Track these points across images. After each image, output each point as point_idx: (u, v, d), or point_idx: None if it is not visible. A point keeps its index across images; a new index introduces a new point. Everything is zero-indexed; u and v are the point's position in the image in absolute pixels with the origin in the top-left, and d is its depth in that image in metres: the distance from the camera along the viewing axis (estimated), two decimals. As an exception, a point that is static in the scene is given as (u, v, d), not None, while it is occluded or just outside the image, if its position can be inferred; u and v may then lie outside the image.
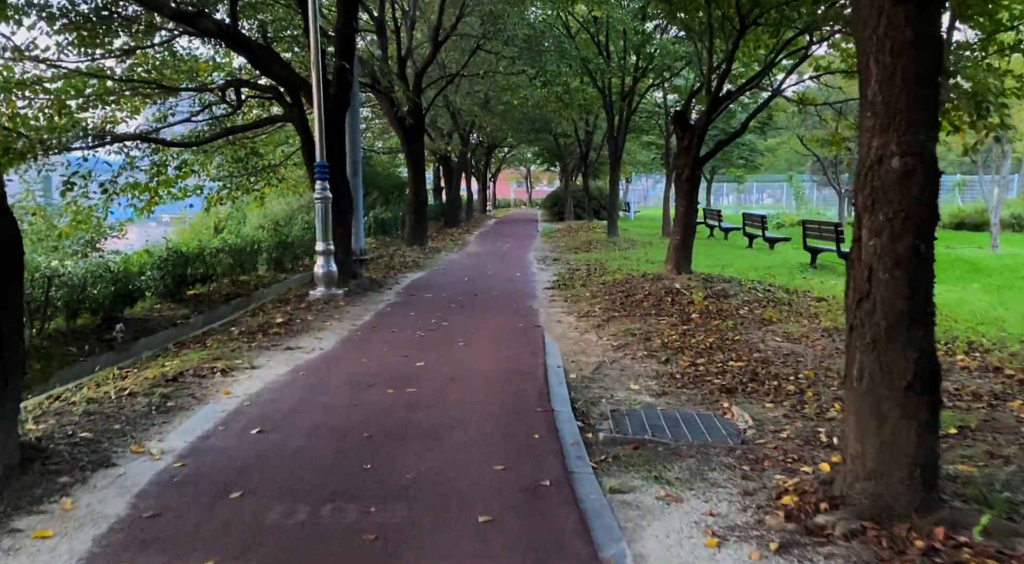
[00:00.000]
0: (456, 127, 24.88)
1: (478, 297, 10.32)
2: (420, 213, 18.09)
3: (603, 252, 16.28)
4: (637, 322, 7.97)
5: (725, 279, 10.03)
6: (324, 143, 9.91)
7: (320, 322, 8.32)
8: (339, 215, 10.86)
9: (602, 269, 13.07)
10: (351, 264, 11.28)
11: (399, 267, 14.24)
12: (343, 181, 11.04)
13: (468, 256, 17.18)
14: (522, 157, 53.86)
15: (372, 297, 10.29)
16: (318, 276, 9.99)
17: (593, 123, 25.03)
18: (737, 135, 9.80)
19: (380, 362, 6.36)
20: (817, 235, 13.62)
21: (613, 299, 9.25)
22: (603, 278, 11.33)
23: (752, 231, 18.17)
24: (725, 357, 6.49)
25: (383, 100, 16.50)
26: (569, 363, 6.49)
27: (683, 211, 9.86)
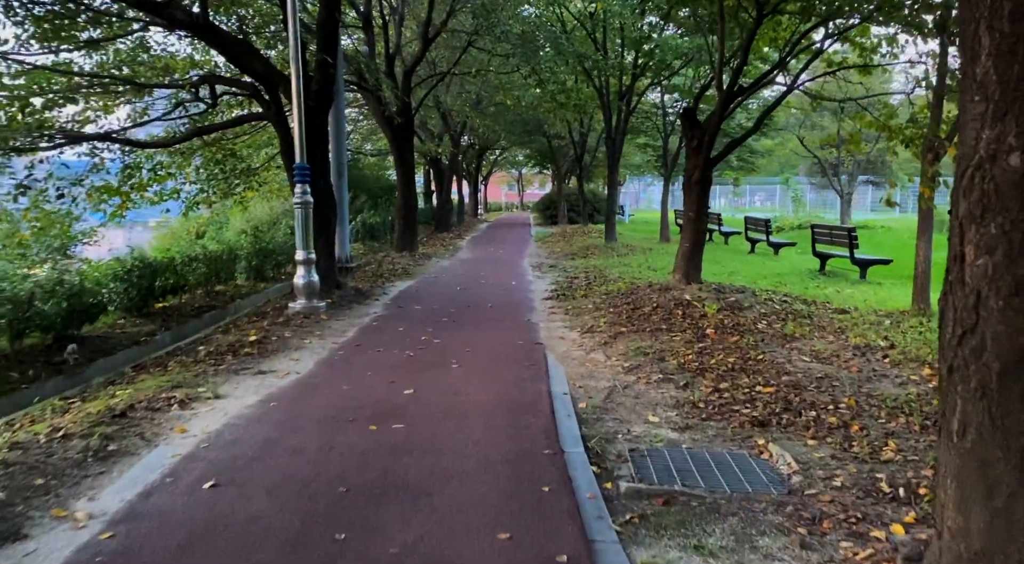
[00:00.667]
0: (447, 128, 24.14)
1: (472, 309, 9.58)
2: (410, 218, 17.33)
3: (601, 258, 15.57)
4: (647, 339, 7.24)
5: (737, 289, 9.33)
6: (304, 143, 9.15)
7: (298, 340, 7.55)
8: (321, 221, 10.10)
9: (602, 277, 12.35)
10: (335, 273, 10.52)
11: (387, 275, 13.47)
12: (325, 184, 10.28)
13: (460, 263, 16.43)
14: (513, 160, 53.19)
15: (357, 310, 9.53)
16: (298, 287, 9.22)
17: (588, 124, 24.34)
18: (750, 134, 9.11)
19: (363, 390, 5.60)
20: (828, 240, 12.95)
21: (619, 312, 8.52)
22: (605, 288, 10.60)
23: (755, 235, 17.51)
24: (751, 381, 5.77)
25: (370, 99, 15.75)
26: (576, 389, 5.75)
27: (693, 216, 9.16)
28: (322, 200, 10.10)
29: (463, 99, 22.43)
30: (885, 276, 12.37)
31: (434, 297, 10.71)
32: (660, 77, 17.63)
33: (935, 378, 5.75)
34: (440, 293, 11.17)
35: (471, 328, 8.17)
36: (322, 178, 10.18)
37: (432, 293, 11.18)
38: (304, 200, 9.15)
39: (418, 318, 8.85)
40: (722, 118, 8.68)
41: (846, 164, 24.62)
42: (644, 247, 17.50)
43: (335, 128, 12.84)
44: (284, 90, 9.66)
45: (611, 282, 11.52)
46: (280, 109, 9.81)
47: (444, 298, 10.60)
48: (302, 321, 8.52)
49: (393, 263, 15.26)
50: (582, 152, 25.11)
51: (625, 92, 17.25)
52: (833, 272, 13.21)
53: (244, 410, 5.12)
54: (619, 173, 38.85)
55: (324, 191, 10.22)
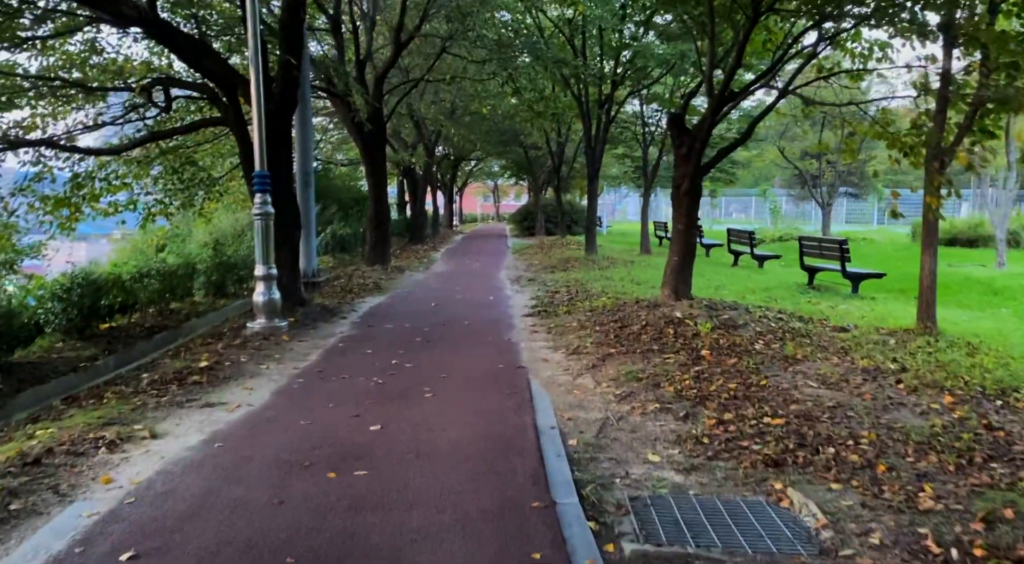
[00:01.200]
0: (421, 137, 23.52)
1: (447, 327, 8.93)
2: (382, 229, 16.64)
3: (582, 271, 15.01)
4: (639, 361, 6.66)
5: (730, 306, 8.80)
6: (264, 150, 8.47)
7: (255, 365, 6.85)
8: (284, 233, 9.41)
9: (585, 292, 11.78)
10: (299, 289, 9.82)
11: (357, 290, 12.77)
12: (288, 194, 9.60)
13: (435, 276, 15.77)
14: (489, 171, 52.68)
15: (323, 329, 8.84)
16: (257, 306, 8.52)
17: (566, 134, 23.87)
18: (741, 142, 8.63)
19: (323, 426, 4.93)
20: (816, 253, 12.52)
21: (605, 331, 7.93)
22: (589, 304, 10.02)
23: (738, 247, 17.10)
24: (757, 411, 5.20)
25: (339, 105, 15.09)
26: (565, 421, 5.13)
27: (682, 229, 8.62)
28: (284, 210, 9.41)
29: (437, 108, 21.84)
30: (877, 290, 11.96)
31: (406, 314, 10.05)
32: (640, 85, 17.19)
33: (958, 407, 5.24)
34: (413, 310, 10.51)
35: (446, 350, 7.53)
36: (284, 187, 9.50)
37: (404, 310, 10.51)
38: (264, 211, 8.46)
39: (388, 339, 8.19)
40: (713, 124, 8.17)
41: (826, 175, 24.42)
42: (625, 260, 16.99)
43: (301, 135, 12.18)
44: (243, 93, 8.99)
45: (595, 297, 10.94)
46: (239, 113, 9.13)
47: (417, 315, 9.94)
48: (261, 343, 7.81)
49: (364, 277, 14.56)
50: (560, 162, 24.62)
51: (605, 100, 16.79)
52: (823, 286, 12.77)
53: (183, 452, 4.42)
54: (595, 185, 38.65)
55: (287, 201, 9.53)
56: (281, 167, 9.39)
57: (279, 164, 9.35)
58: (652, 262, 16.90)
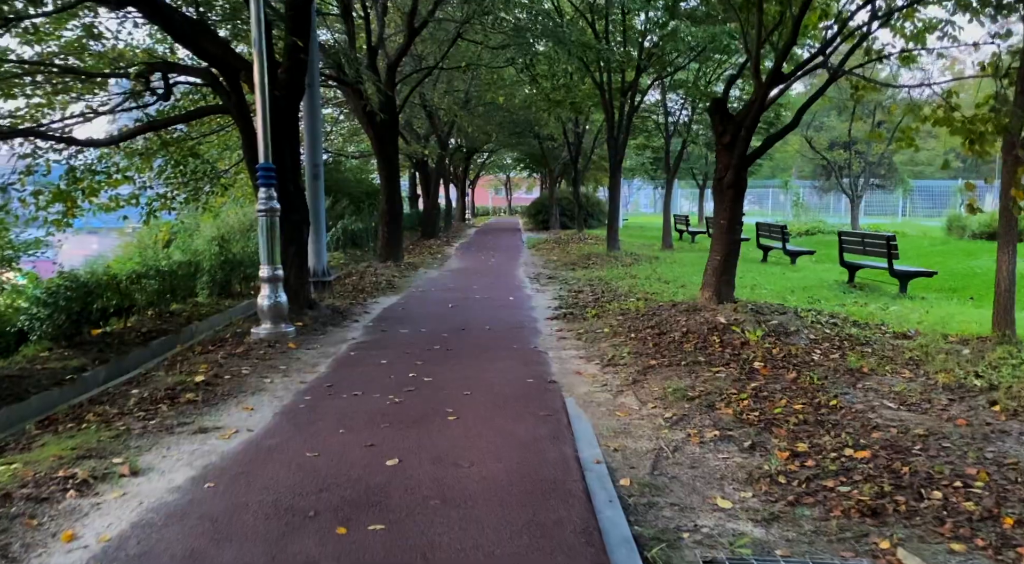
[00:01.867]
0: (434, 129, 22.79)
1: (467, 332, 8.23)
2: (394, 224, 15.95)
3: (605, 269, 14.26)
4: (685, 376, 5.93)
5: (777, 309, 8.05)
6: (270, 140, 7.77)
7: (257, 378, 6.17)
8: (291, 230, 8.73)
9: (611, 292, 11.05)
10: (308, 290, 9.13)
11: (370, 290, 12.09)
12: (296, 188, 8.91)
13: (450, 274, 15.08)
14: (501, 163, 51.91)
15: (333, 335, 8.16)
16: (262, 310, 7.84)
17: (583, 124, 23.08)
18: (790, 129, 7.85)
19: (331, 458, 4.24)
20: (859, 249, 11.71)
21: (643, 339, 7.20)
22: (618, 305, 9.30)
23: (768, 242, 16.29)
24: (835, 440, 4.46)
25: (350, 95, 14.39)
26: (611, 453, 4.42)
27: (725, 225, 7.86)
28: (292, 206, 8.72)
29: (451, 98, 21.11)
30: (925, 289, 11.16)
31: (423, 317, 9.35)
32: (664, 72, 16.39)
33: (1073, 436, 4.48)
34: (429, 312, 9.81)
35: (468, 359, 6.83)
36: (292, 181, 8.81)
37: (420, 312, 9.82)
38: (269, 206, 7.77)
39: (404, 346, 7.49)
40: (763, 108, 7.41)
41: (855, 166, 23.46)
42: (648, 256, 16.22)
43: (309, 125, 11.49)
44: (247, 79, 8.29)
45: (622, 298, 10.21)
46: (242, 100, 8.44)
47: (434, 318, 9.24)
48: (265, 352, 7.14)
49: (376, 275, 13.89)
50: (577, 154, 23.83)
51: (628, 88, 15.98)
52: (864, 284, 11.98)
53: (167, 496, 3.74)
54: (604, 177, 37.70)
55: (295, 195, 8.84)
56: (287, 159, 8.70)
57: (285, 156, 8.66)
58: (678, 258, 16.14)
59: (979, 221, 19.03)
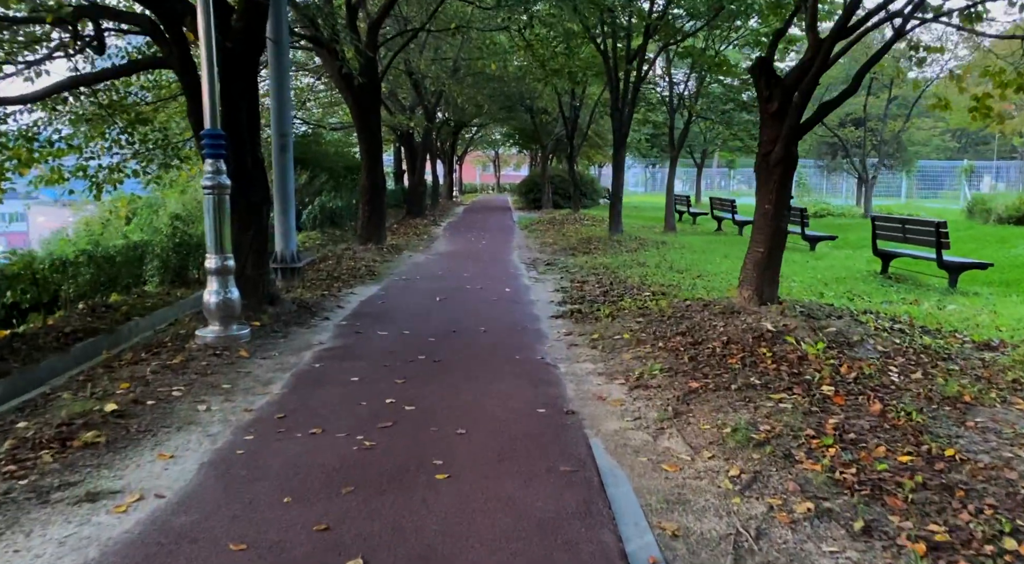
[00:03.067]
0: (420, 100, 21.23)
1: (459, 337, 6.89)
2: (376, 202, 14.50)
3: (609, 255, 12.92)
4: (739, 405, 4.62)
5: (832, 312, 6.75)
6: (217, 100, 6.32)
7: (190, 404, 4.80)
8: (248, 211, 7.31)
9: (619, 283, 9.72)
10: (269, 282, 7.72)
11: (346, 278, 10.69)
12: (255, 161, 7.46)
13: (438, 258, 13.69)
14: (490, 139, 50.24)
15: (296, 338, 6.78)
16: (209, 309, 6.45)
17: (581, 96, 21.59)
18: (850, 93, 6.49)
19: (263, 557, 2.90)
20: (897, 236, 10.44)
21: (673, 349, 5.89)
22: (632, 302, 7.97)
23: (782, 226, 15.01)
24: (982, 521, 3.17)
25: (327, 58, 12.87)
26: (668, 541, 3.10)
27: (771, 210, 6.54)
28: (250, 182, 7.30)
29: (439, 65, 19.54)
30: (974, 283, 9.92)
31: (406, 314, 7.99)
32: (673, 39, 14.95)
33: None
34: (414, 307, 8.45)
35: (461, 376, 5.49)
36: (251, 152, 7.37)
37: (403, 307, 8.45)
38: (216, 182, 6.35)
39: (383, 354, 6.14)
40: (825, 67, 6.05)
41: (867, 145, 22.15)
42: (654, 240, 14.88)
43: (276, 88, 10.02)
44: (192, 26, 6.80)
45: (634, 291, 8.89)
46: (186, 53, 6.96)
47: (419, 315, 7.89)
48: (208, 362, 5.76)
49: (355, 259, 12.48)
50: (573, 128, 22.36)
51: (635, 54, 14.53)
52: (900, 275, 10.74)
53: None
54: (596, 156, 36.10)
55: (253, 170, 7.40)
56: (244, 126, 7.26)
57: (241, 122, 7.22)
58: (685, 243, 14.82)
59: (1007, 204, 17.85)
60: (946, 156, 46.03)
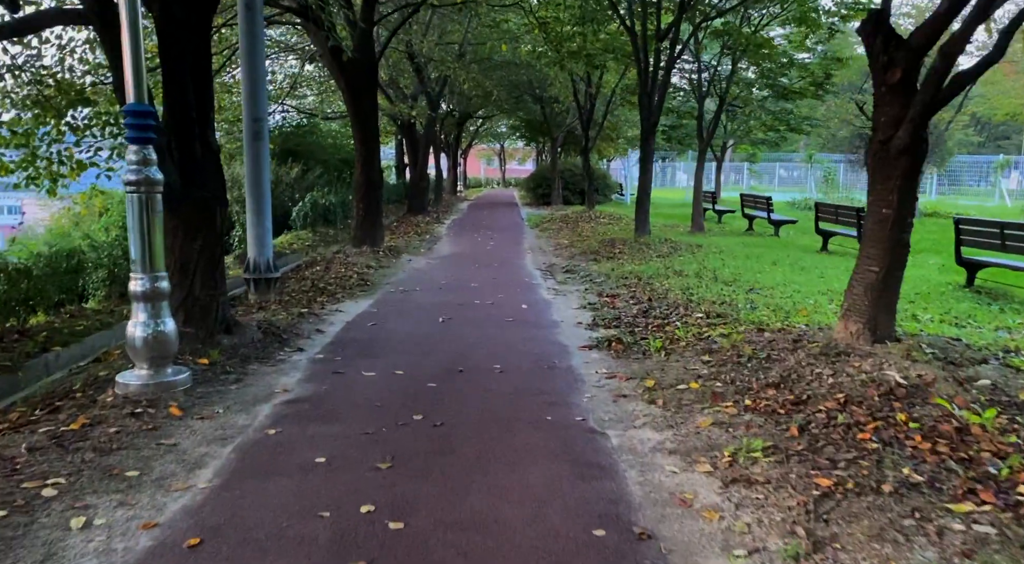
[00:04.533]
0: (423, 87, 19.54)
1: (466, 378, 5.24)
2: (371, 199, 12.86)
3: (637, 260, 11.24)
4: (912, 529, 2.96)
5: (969, 352, 5.07)
6: (143, 64, 4.66)
7: (59, 520, 3.14)
8: (196, 214, 5.67)
9: (659, 298, 8.07)
10: (223, 306, 6.03)
11: (334, 288, 9.06)
12: (207, 150, 5.80)
13: (441, 263, 12.05)
14: (495, 131, 48.49)
15: (254, 383, 5.13)
16: (134, 346, 4.79)
17: (597, 83, 19.87)
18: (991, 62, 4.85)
19: None
20: (995, 243, 8.74)
21: (769, 411, 4.23)
22: (686, 330, 6.30)
23: (829, 227, 13.34)
24: None
25: (315, 33, 11.20)
26: None
27: (892, 216, 4.88)
28: (197, 176, 5.66)
29: (444, 50, 17.85)
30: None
31: (400, 341, 6.35)
32: (708, 16, 13.24)
33: None
34: (411, 330, 6.80)
35: (471, 457, 3.83)
36: (200, 138, 5.71)
37: (398, 331, 6.80)
38: (143, 176, 4.70)
39: (365, 411, 4.49)
40: (985, 15, 4.40)
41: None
42: (686, 243, 13.18)
43: (249, 65, 8.37)
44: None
45: (680, 310, 7.23)
46: (108, 4, 5.29)
47: (417, 344, 6.24)
48: (121, 427, 4.11)
49: (346, 264, 10.85)
50: (589, 118, 20.64)
51: (666, 33, 12.82)
52: (988, 288, 9.06)
53: None
54: (606, 149, 34.27)
55: (204, 161, 5.75)
56: (191, 105, 5.60)
57: (186, 100, 5.57)
58: (721, 246, 13.13)
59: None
60: (967, 150, 44.15)
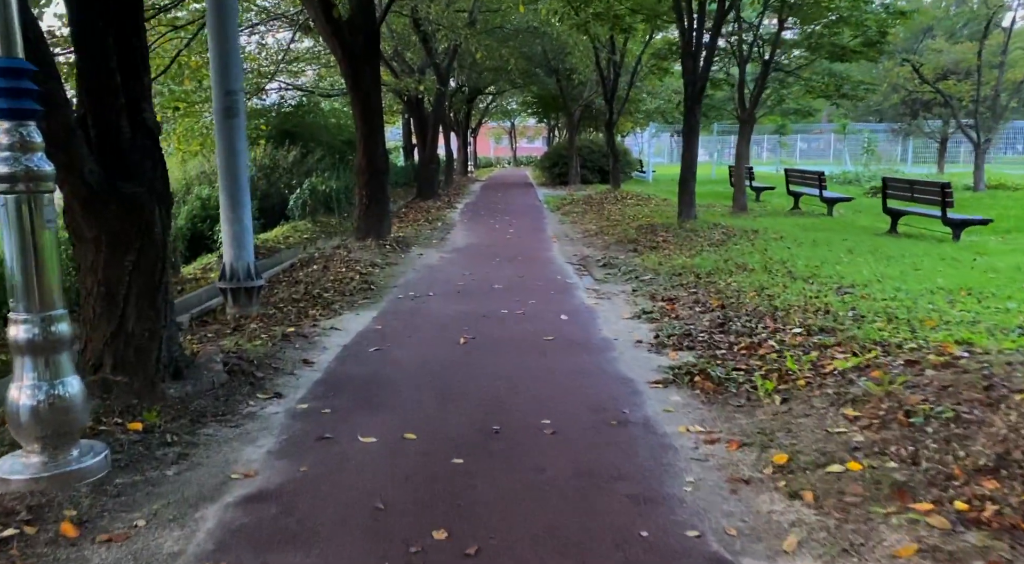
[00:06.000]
0: (430, 58, 17.83)
1: (505, 446, 3.68)
2: (375, 185, 11.27)
3: (688, 252, 9.58)
4: None
5: None
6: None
7: None
8: (126, 217, 4.09)
9: (732, 302, 6.46)
10: (168, 341, 4.43)
11: (331, 295, 7.51)
12: (139, 129, 4.20)
13: (456, 257, 10.47)
14: (506, 109, 46.61)
15: (203, 462, 3.57)
16: (16, 421, 3.24)
17: (622, 49, 18.08)
18: None
19: None
20: None
21: (996, 519, 2.64)
22: (792, 357, 4.69)
23: (899, 206, 11.63)
24: None
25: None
26: None
27: None
28: (125, 165, 4.08)
29: (452, 16, 16.12)
30: None
31: (411, 380, 4.78)
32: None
33: None
34: (424, 361, 5.24)
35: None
36: (128, 112, 4.12)
37: (407, 362, 5.23)
38: (19, 170, 3.13)
39: (360, 522, 2.94)
40: None
41: (964, 101, 18.50)
42: (739, 228, 11.45)
43: (218, 28, 6.76)
44: None
45: (767, 322, 5.63)
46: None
47: (433, 385, 4.68)
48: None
49: (347, 263, 9.29)
50: (613, 90, 18.87)
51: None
52: None
53: None
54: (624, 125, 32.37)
55: (135, 142, 4.16)
56: (112, 69, 4.01)
57: (102, 51, 3.98)
58: (779, 230, 11.42)
59: None
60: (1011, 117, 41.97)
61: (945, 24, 22.09)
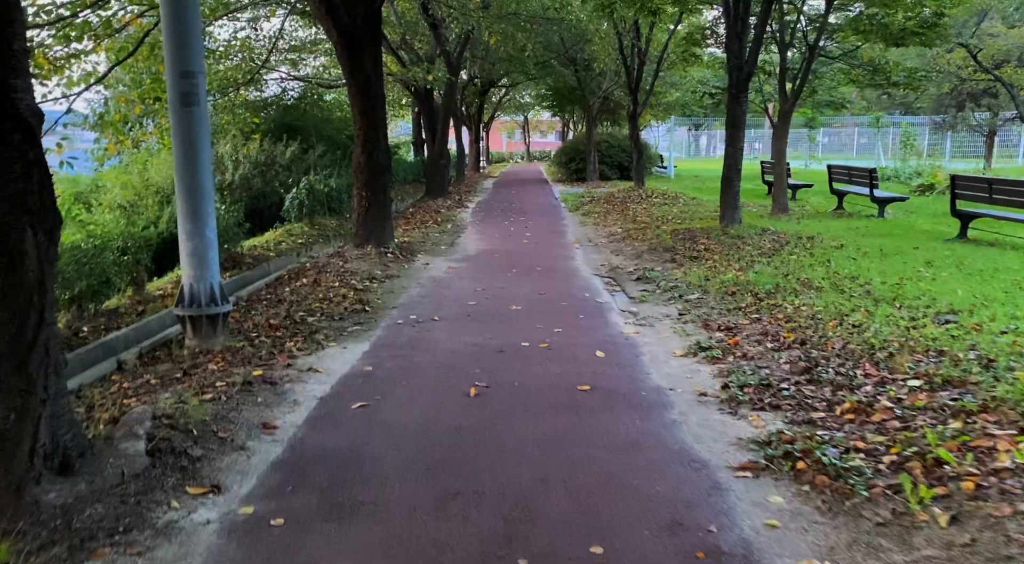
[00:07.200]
0: (440, 46, 16.51)
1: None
2: (376, 186, 9.99)
3: (737, 264, 8.21)
4: None
5: None
6: None
7: None
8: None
9: (812, 336, 5.12)
10: (51, 423, 3.14)
11: (316, 320, 6.22)
12: (4, 120, 2.92)
13: (467, 268, 9.17)
14: (519, 102, 45.19)
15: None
16: None
17: (647, 35, 16.69)
18: None
19: None
20: None
21: None
22: (939, 436, 3.36)
23: (968, 207, 10.21)
24: None
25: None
26: None
27: None
28: None
29: None
30: None
31: (402, 465, 3.49)
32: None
33: None
34: (424, 428, 3.94)
35: None
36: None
37: (400, 430, 3.93)
38: None
39: None
40: None
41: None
42: (790, 234, 10.05)
43: (173, 6, 5.48)
44: None
45: (859, 361, 4.30)
46: None
47: (433, 474, 3.38)
48: None
49: (342, 276, 8.03)
50: (638, 79, 17.48)
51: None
52: None
53: None
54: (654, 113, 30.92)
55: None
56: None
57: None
58: (834, 235, 10.03)
59: None
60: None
61: (1001, 7, 20.60)
